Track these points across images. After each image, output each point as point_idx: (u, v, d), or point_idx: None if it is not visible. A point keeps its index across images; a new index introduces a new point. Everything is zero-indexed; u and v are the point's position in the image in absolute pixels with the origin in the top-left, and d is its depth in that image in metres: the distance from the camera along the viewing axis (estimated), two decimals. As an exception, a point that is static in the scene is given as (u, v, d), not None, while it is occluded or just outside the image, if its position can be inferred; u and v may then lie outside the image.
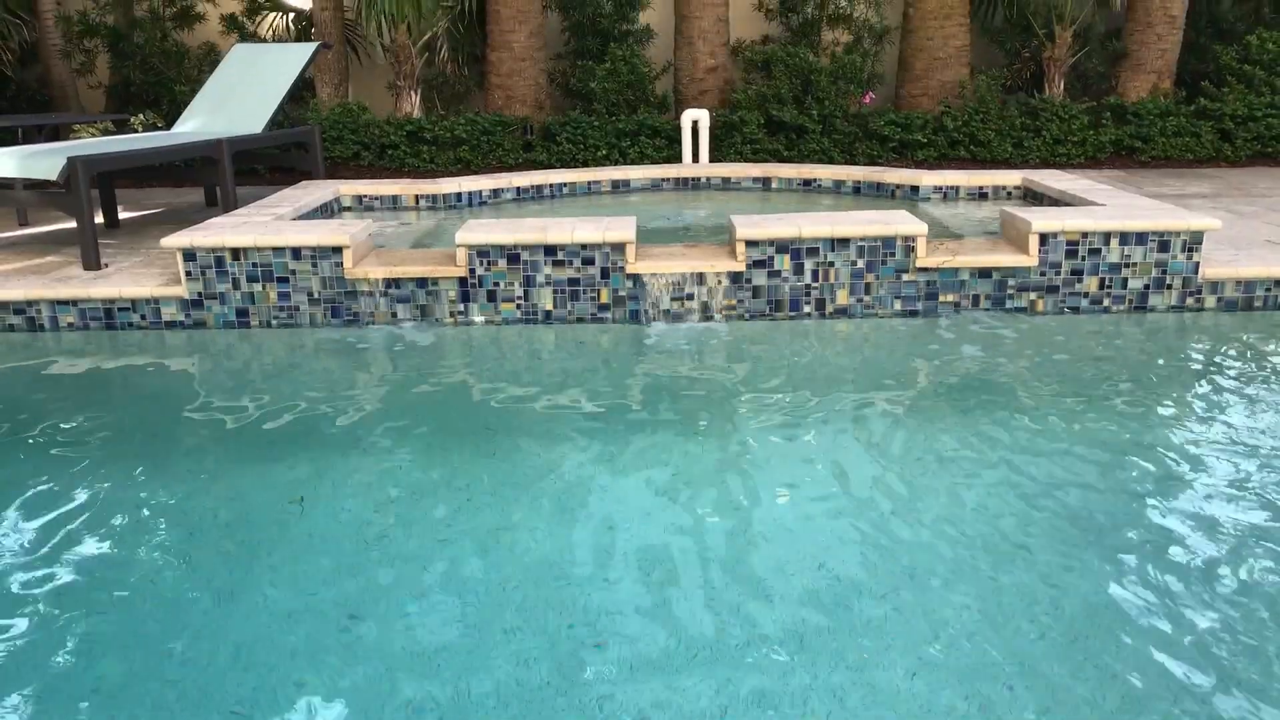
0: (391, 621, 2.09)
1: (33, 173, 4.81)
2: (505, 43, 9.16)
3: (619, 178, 7.19)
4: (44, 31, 9.51)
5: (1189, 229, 4.28)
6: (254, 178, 8.53)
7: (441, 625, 2.07)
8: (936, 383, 3.57)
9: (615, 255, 4.26)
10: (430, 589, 2.22)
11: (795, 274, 4.30)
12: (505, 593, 2.19)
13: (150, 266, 4.83)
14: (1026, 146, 8.60)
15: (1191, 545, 2.35)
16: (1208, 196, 6.82)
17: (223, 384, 3.71)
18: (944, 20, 9.07)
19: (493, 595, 2.18)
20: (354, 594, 2.19)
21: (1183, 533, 2.40)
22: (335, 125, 8.58)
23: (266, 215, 4.87)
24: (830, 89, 8.61)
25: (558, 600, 2.15)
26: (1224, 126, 8.56)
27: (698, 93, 9.26)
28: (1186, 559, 2.29)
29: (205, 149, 5.87)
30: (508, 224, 4.37)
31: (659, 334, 4.17)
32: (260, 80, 7.06)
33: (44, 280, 4.53)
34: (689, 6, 9.19)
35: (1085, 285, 4.34)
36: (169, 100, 9.08)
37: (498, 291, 4.31)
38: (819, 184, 6.98)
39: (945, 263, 4.29)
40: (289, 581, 2.26)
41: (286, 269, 4.31)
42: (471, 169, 8.66)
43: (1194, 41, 9.63)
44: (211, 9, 10.01)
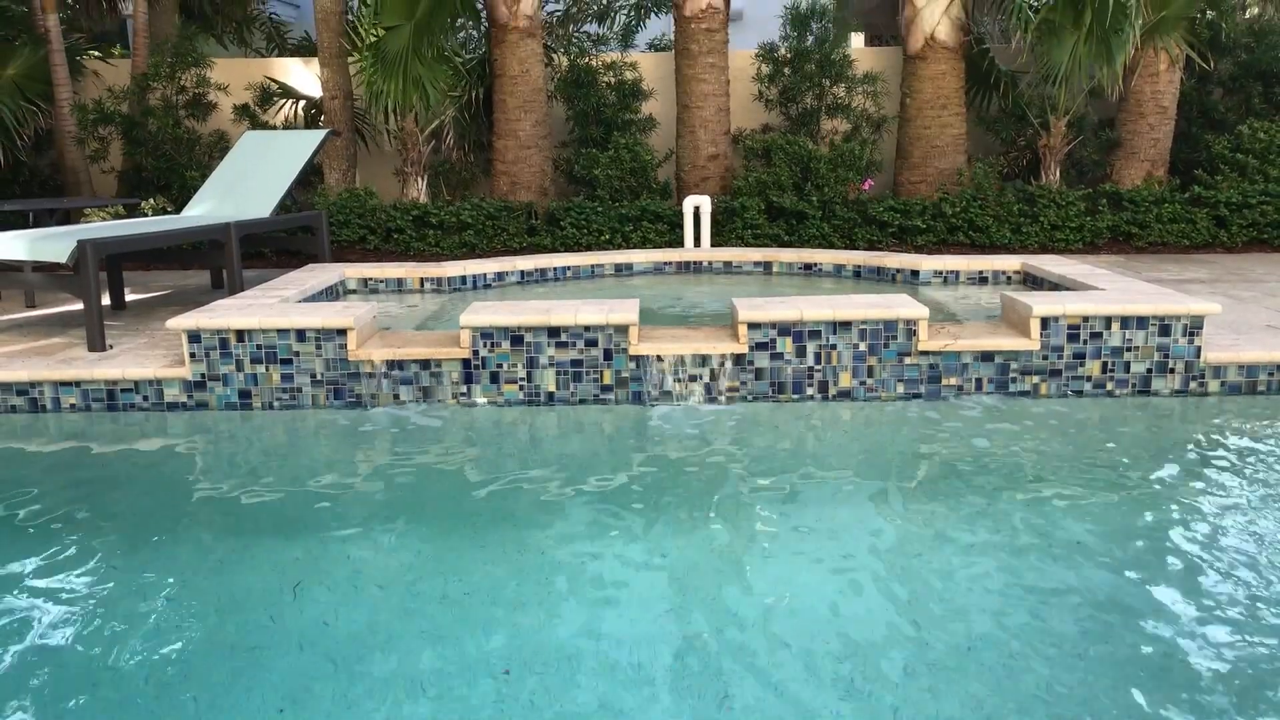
0: (387, 715, 2.03)
1: (42, 255, 4.86)
2: (511, 131, 9.35)
3: (622, 261, 7.26)
4: (59, 119, 9.74)
5: (1189, 313, 4.30)
6: (261, 260, 8.63)
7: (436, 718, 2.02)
8: (941, 468, 3.54)
9: (618, 337, 4.27)
10: (425, 680, 2.16)
11: (798, 356, 4.31)
12: (502, 682, 2.13)
13: (155, 348, 4.84)
14: (1025, 232, 8.71)
15: (1202, 643, 2.30)
16: (1206, 282, 6.87)
17: (222, 467, 3.69)
18: (940, 110, 9.27)
19: (492, 686, 2.12)
20: (347, 686, 2.14)
21: (1191, 627, 2.36)
22: (342, 210, 8.71)
23: (272, 297, 4.91)
24: (830, 176, 8.76)
25: (557, 690, 2.10)
26: (1219, 214, 8.68)
27: (699, 179, 9.42)
28: (1199, 659, 2.24)
29: (213, 232, 5.94)
30: (512, 306, 4.39)
31: (662, 416, 4.16)
32: (269, 166, 7.20)
33: (48, 362, 4.54)
34: (691, 97, 9.41)
35: (1088, 369, 4.35)
36: (179, 185, 9.24)
37: (501, 373, 4.32)
38: (820, 268, 7.04)
39: (947, 346, 4.30)
40: (281, 672, 2.21)
41: (290, 351, 4.32)
42: (476, 253, 8.76)
43: (1185, 131, 9.83)
44: (224, 98, 10.26)
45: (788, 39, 9.88)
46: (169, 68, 9.61)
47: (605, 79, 9.93)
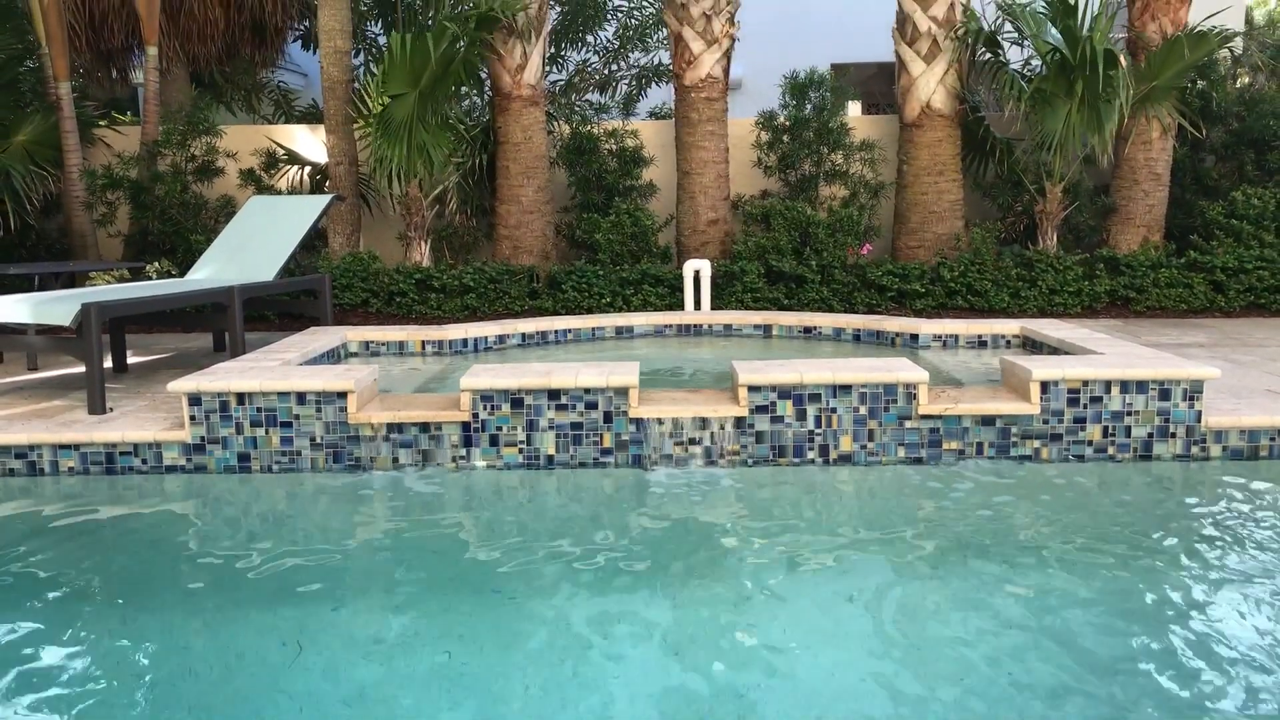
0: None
1: (46, 318, 4.89)
2: (514, 196, 9.47)
3: (622, 324, 7.29)
4: (68, 184, 9.87)
5: (1189, 378, 4.31)
6: (264, 324, 8.67)
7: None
8: (942, 535, 3.52)
9: (618, 400, 4.28)
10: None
11: (798, 420, 4.30)
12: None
13: (155, 411, 4.85)
14: (1023, 296, 8.76)
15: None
16: (1205, 346, 6.89)
17: (218, 531, 3.66)
18: (937, 176, 9.40)
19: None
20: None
21: (1200, 703, 2.32)
22: (345, 273, 8.78)
23: (274, 360, 4.92)
24: (828, 241, 8.84)
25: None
26: (1216, 279, 8.74)
27: (699, 244, 9.51)
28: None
29: (217, 295, 5.98)
30: (512, 369, 4.40)
31: (661, 480, 4.14)
32: (274, 230, 7.28)
33: (48, 424, 4.54)
34: (691, 164, 9.54)
35: (1089, 433, 4.34)
36: (184, 249, 9.32)
37: (500, 436, 4.31)
38: (819, 331, 7.07)
39: (947, 410, 4.30)
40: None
41: (290, 414, 4.32)
42: (478, 316, 8.80)
43: (1180, 197, 9.95)
44: (231, 163, 10.41)
45: (786, 107, 10.05)
46: (180, 135, 9.76)
47: (607, 146, 10.08)
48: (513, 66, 9.31)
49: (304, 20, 12.80)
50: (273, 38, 12.46)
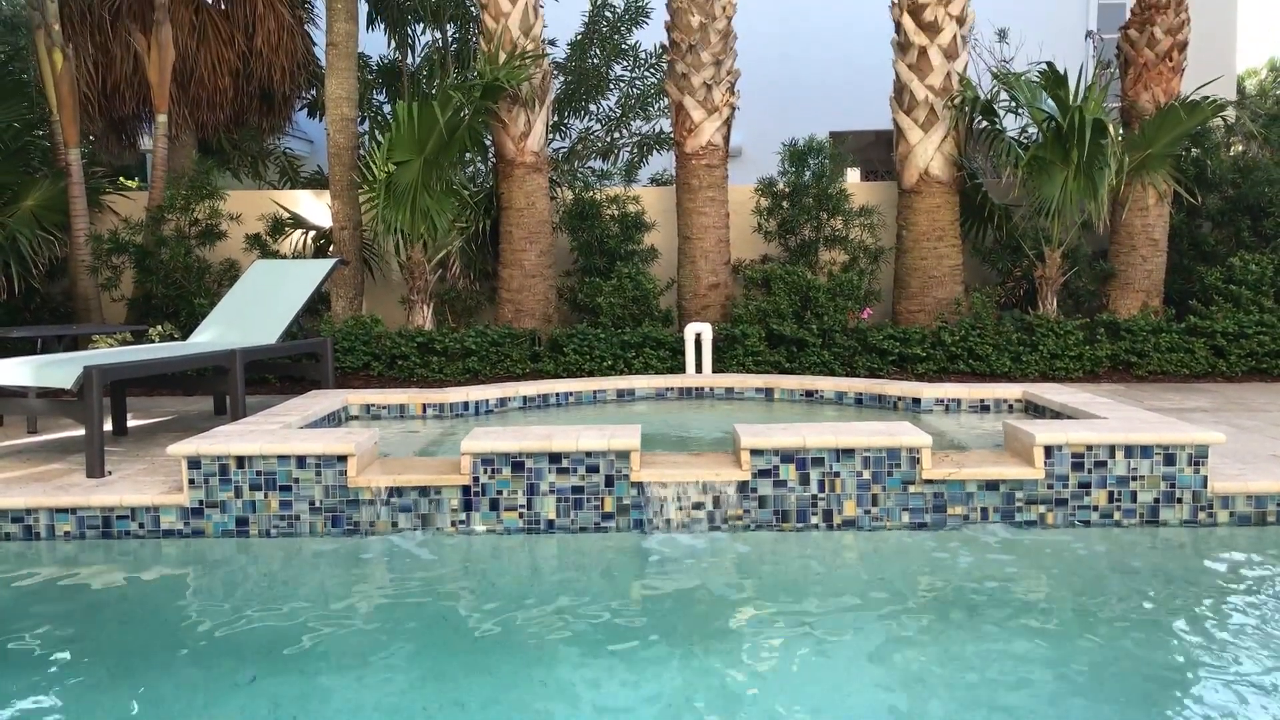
0: None
1: (48, 381, 4.89)
2: (516, 260, 9.54)
3: (624, 387, 7.29)
4: (75, 248, 9.95)
5: (1194, 442, 4.28)
6: (265, 387, 8.67)
7: None
8: (946, 604, 3.46)
9: (620, 463, 4.25)
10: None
11: (801, 484, 4.27)
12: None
13: (154, 474, 4.82)
14: (1024, 361, 8.76)
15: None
16: (1208, 411, 6.87)
17: (214, 598, 3.61)
18: (936, 241, 9.47)
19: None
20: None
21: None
22: (347, 336, 8.80)
23: (274, 423, 4.91)
24: (829, 305, 8.87)
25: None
26: (1216, 343, 8.75)
27: (700, 307, 9.55)
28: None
29: (219, 359, 5.99)
30: (513, 431, 4.38)
31: (663, 545, 4.09)
32: (277, 294, 7.31)
33: (45, 488, 4.51)
34: (692, 229, 9.63)
35: (1094, 498, 4.30)
36: (187, 312, 9.36)
37: (501, 500, 4.27)
38: (821, 395, 7.06)
39: (951, 475, 4.27)
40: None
41: (290, 477, 4.29)
42: (479, 379, 8.80)
43: (1178, 263, 10.01)
44: (235, 227, 10.50)
45: (785, 174, 10.18)
46: (184, 199, 9.87)
47: (609, 211, 10.19)
48: (517, 134, 9.45)
49: (311, 89, 13.03)
50: (280, 106, 12.68)
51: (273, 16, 11.74)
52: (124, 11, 11.22)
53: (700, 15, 9.43)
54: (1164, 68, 9.61)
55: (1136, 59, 9.70)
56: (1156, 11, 9.58)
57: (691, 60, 9.50)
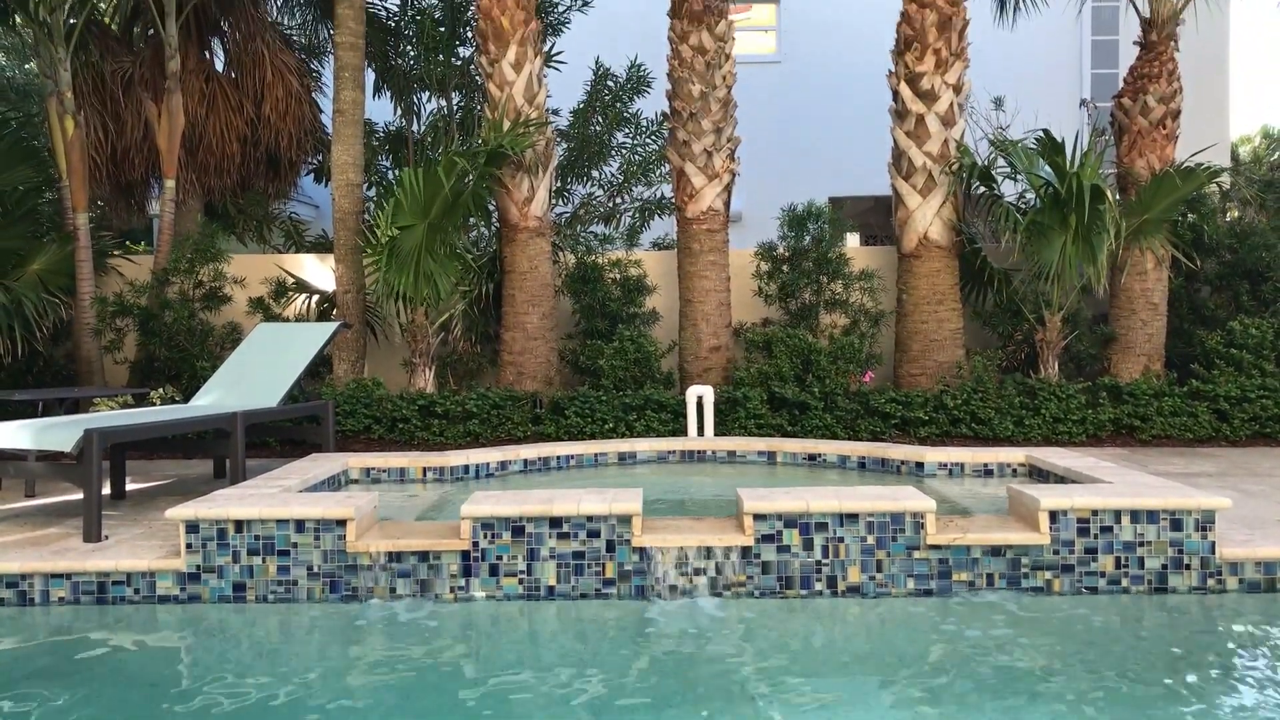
0: None
1: (48, 444, 4.88)
2: (519, 323, 9.58)
3: (625, 450, 7.26)
4: (80, 311, 10.00)
5: (1200, 507, 4.25)
6: (265, 450, 8.64)
7: None
8: (953, 676, 3.40)
9: (621, 528, 4.21)
10: None
11: (805, 550, 4.23)
12: None
13: (151, 539, 4.77)
14: (1027, 424, 8.74)
15: None
16: (1213, 475, 6.83)
17: (208, 666, 3.55)
18: (937, 305, 9.51)
19: None
20: None
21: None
22: (349, 399, 8.80)
23: (274, 487, 4.88)
24: (830, 368, 8.88)
25: None
26: (1219, 407, 8.73)
27: (702, 370, 9.56)
28: None
29: (219, 422, 5.98)
30: (513, 495, 4.35)
31: (665, 612, 4.03)
32: (280, 357, 7.33)
33: (41, 552, 4.47)
34: (693, 292, 9.68)
35: (1101, 564, 4.25)
36: (189, 375, 9.37)
37: (500, 565, 4.23)
38: (824, 459, 7.03)
39: (956, 540, 4.23)
40: None
41: (288, 542, 4.25)
42: (480, 442, 8.77)
43: (1178, 327, 10.04)
44: (239, 290, 10.57)
45: (785, 238, 10.26)
46: (188, 262, 9.95)
47: (611, 275, 10.26)
48: (520, 199, 9.56)
49: (317, 154, 13.21)
50: (286, 171, 12.85)
51: (281, 85, 11.95)
52: (136, 80, 11.43)
53: (701, 84, 9.60)
54: (1158, 135, 9.74)
55: (1131, 126, 9.85)
56: (1149, 80, 9.75)
57: (692, 128, 9.64)
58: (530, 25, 9.59)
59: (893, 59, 9.81)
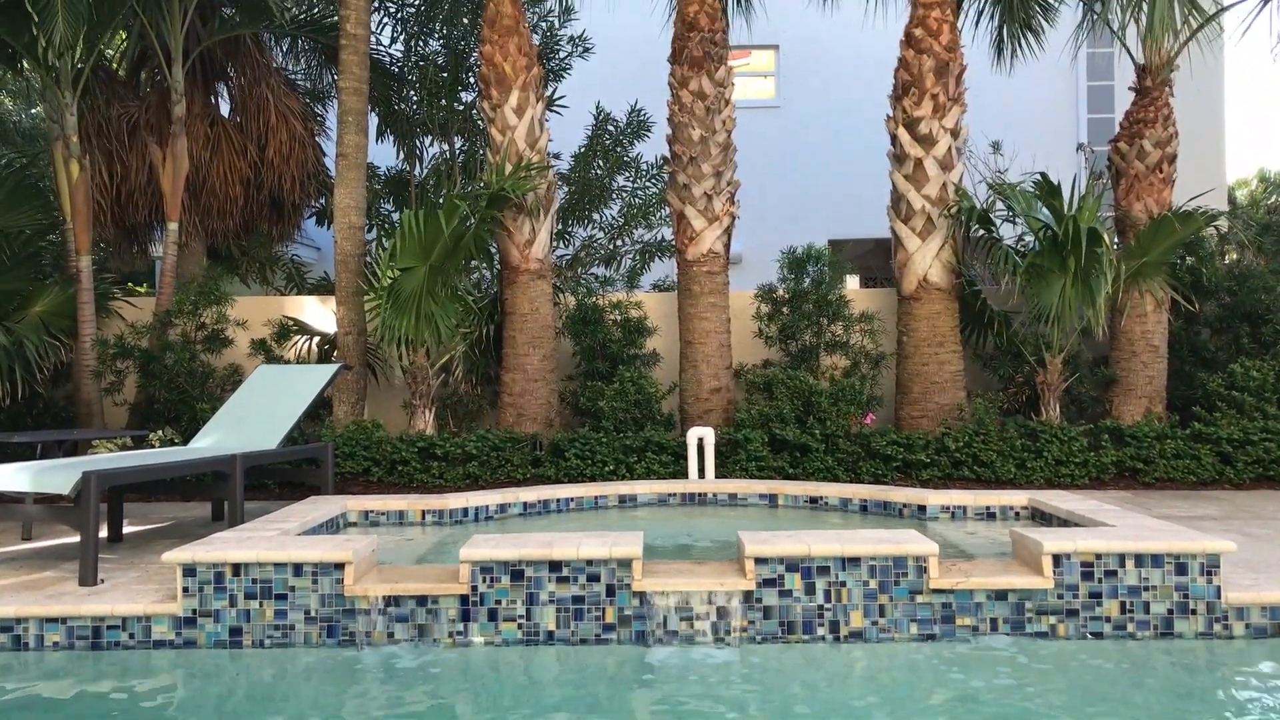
0: None
1: (46, 487, 4.85)
2: (519, 365, 9.58)
3: (626, 493, 7.22)
4: (81, 353, 10.01)
5: (1204, 551, 4.21)
6: (264, 493, 8.59)
7: None
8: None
9: (621, 572, 4.17)
10: None
11: (807, 594, 4.19)
12: None
13: (147, 583, 4.74)
14: (1029, 467, 8.70)
15: None
16: (1218, 519, 6.78)
17: (201, 714, 3.50)
18: (937, 347, 9.52)
19: None
20: None
21: None
22: (349, 441, 8.77)
23: (272, 530, 4.85)
24: (831, 410, 8.86)
25: None
26: (1222, 450, 8.70)
27: (702, 411, 9.55)
28: None
29: (219, 464, 5.96)
30: (513, 539, 4.32)
31: (666, 659, 3.98)
32: (280, 399, 7.32)
33: (37, 597, 4.43)
34: (693, 334, 9.70)
35: (1106, 609, 4.21)
36: (189, 417, 9.36)
37: (499, 610, 4.18)
38: (825, 501, 6.99)
39: (959, 584, 4.19)
40: None
41: (286, 585, 4.22)
42: (480, 484, 8.74)
43: (1179, 369, 10.04)
44: (241, 333, 10.59)
45: (785, 280, 10.30)
46: (191, 305, 9.98)
47: (611, 317, 10.28)
48: (521, 242, 9.61)
49: (320, 197, 13.31)
50: (289, 214, 12.94)
51: (285, 129, 12.07)
52: (141, 124, 11.55)
53: (701, 129, 9.69)
54: (1155, 179, 9.82)
55: (1128, 170, 9.92)
56: (1145, 125, 9.85)
57: (692, 172, 9.72)
58: (532, 71, 9.71)
59: (891, 104, 9.91)
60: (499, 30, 9.60)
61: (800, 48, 17.17)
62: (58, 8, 8.57)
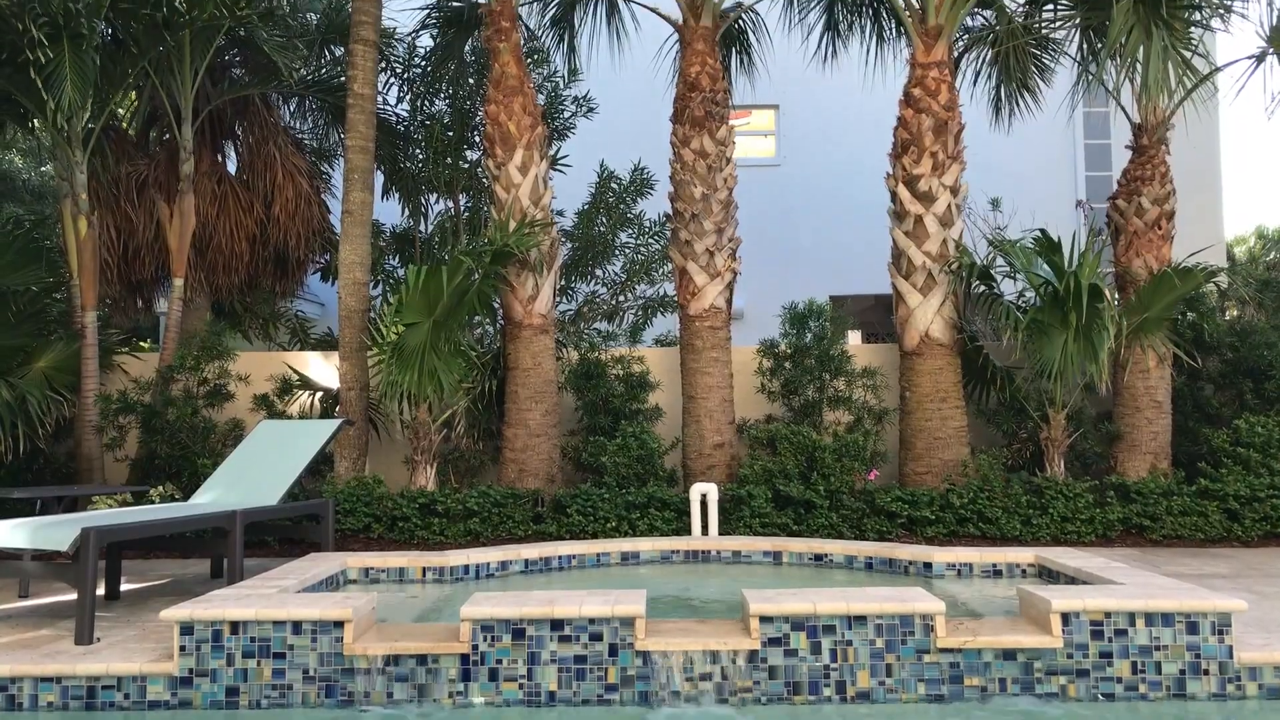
0: None
1: (44, 544, 4.82)
2: (521, 420, 9.56)
3: (628, 550, 7.16)
4: (83, 409, 10.00)
5: (1215, 610, 4.16)
6: (263, 549, 8.53)
7: None
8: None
9: (624, 630, 4.12)
10: None
11: (813, 653, 4.13)
12: None
13: (144, 641, 4.68)
14: (1035, 524, 8.63)
15: None
16: (1227, 577, 6.71)
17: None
18: (940, 403, 9.50)
19: None
20: None
21: None
22: (349, 498, 8.73)
23: (271, 588, 4.80)
24: (835, 465, 8.82)
25: None
26: (1229, 507, 8.63)
27: (705, 467, 9.50)
28: None
29: (218, 520, 5.92)
30: (514, 597, 4.28)
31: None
32: (281, 455, 7.29)
33: (32, 655, 4.37)
34: (696, 389, 9.70)
35: (1117, 669, 4.14)
36: (190, 473, 9.32)
37: (500, 669, 4.12)
38: (830, 559, 6.92)
39: (967, 643, 4.13)
40: None
41: (285, 644, 4.16)
42: (481, 541, 8.67)
43: (1183, 425, 10.00)
44: (243, 387, 10.59)
45: (787, 335, 10.32)
46: (194, 360, 10.00)
47: (614, 371, 10.29)
48: (525, 297, 9.66)
49: (325, 253, 13.41)
50: (294, 270, 13.02)
51: (291, 186, 12.21)
52: (150, 182, 11.68)
53: (702, 186, 9.79)
54: (1154, 235, 9.88)
55: (1127, 227, 10.00)
56: (1142, 183, 9.94)
57: (694, 228, 9.80)
58: (536, 130, 9.84)
59: (890, 162, 10.02)
60: (504, 90, 9.75)
61: (800, 107, 17.42)
62: (66, 70, 8.71)
